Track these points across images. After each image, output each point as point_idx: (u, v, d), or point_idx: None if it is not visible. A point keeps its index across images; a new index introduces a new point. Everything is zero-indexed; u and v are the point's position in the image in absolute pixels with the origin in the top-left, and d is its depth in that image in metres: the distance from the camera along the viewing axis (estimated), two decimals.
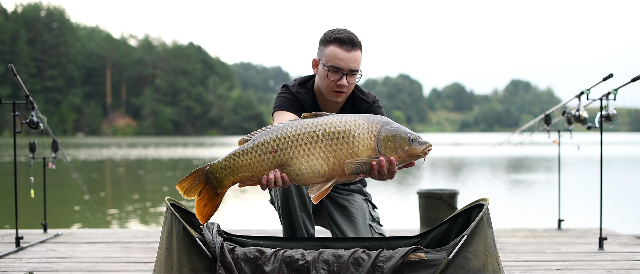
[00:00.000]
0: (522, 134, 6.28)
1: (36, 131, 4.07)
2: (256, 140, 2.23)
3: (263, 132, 2.25)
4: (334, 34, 2.63)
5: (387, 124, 2.23)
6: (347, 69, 2.61)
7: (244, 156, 2.22)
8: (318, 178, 2.20)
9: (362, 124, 2.22)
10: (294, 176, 2.21)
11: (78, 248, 4.01)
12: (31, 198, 4.22)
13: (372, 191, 3.02)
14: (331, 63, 2.61)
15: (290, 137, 2.20)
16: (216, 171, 2.24)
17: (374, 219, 2.91)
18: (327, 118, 2.24)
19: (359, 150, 2.19)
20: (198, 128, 73.86)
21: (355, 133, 2.19)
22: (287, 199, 2.66)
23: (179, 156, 25.43)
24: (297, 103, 2.79)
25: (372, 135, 2.20)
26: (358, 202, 2.91)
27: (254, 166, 2.21)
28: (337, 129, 2.20)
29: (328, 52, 2.62)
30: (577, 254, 3.73)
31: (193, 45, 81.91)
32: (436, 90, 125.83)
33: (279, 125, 2.25)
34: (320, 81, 2.71)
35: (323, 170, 2.19)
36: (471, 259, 1.99)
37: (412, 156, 2.19)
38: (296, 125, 2.23)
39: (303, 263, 2.03)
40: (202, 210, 2.25)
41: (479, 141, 50.93)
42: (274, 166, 2.20)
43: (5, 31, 60.62)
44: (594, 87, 4.00)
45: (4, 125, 48.17)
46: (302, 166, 2.19)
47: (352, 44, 2.61)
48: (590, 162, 17.62)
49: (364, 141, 2.19)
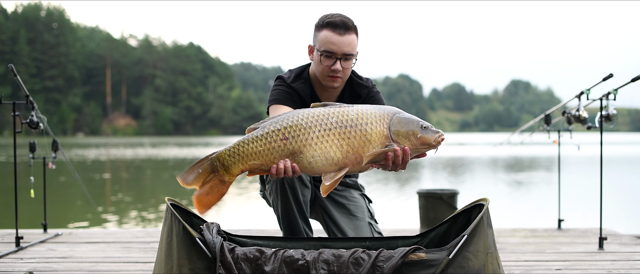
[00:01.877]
0: (522, 134, 6.28)
1: (36, 131, 4.07)
2: (266, 127, 2.20)
3: (273, 119, 2.22)
4: (327, 18, 2.59)
5: (398, 113, 2.24)
6: (340, 53, 2.56)
7: (254, 144, 2.18)
8: (331, 166, 2.19)
9: (374, 113, 2.22)
10: (305, 164, 2.18)
11: (78, 248, 4.01)
12: (31, 198, 4.21)
13: (372, 191, 3.02)
14: (324, 47, 2.57)
15: (302, 124, 2.18)
16: (224, 159, 2.19)
17: (372, 216, 2.90)
18: (339, 108, 2.23)
19: (372, 138, 2.18)
20: (198, 128, 73.86)
21: (368, 120, 2.19)
22: (287, 208, 2.63)
23: (179, 156, 25.42)
24: (295, 95, 2.74)
25: (385, 123, 2.19)
26: (357, 198, 2.89)
27: (264, 154, 2.18)
28: (350, 117, 2.19)
29: (321, 36, 2.58)
30: (577, 254, 3.73)
31: (193, 45, 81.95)
32: (436, 90, 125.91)
33: (289, 113, 2.23)
34: (315, 67, 2.67)
35: (337, 158, 2.17)
36: (471, 259, 1.99)
37: (425, 144, 2.19)
38: (307, 113, 2.21)
39: (303, 263, 2.02)
40: (203, 198, 2.20)
41: (479, 141, 50.92)
42: (284, 154, 2.18)
43: (5, 31, 60.62)
44: (594, 87, 4.00)
45: (4, 125, 48.15)
46: (315, 153, 2.17)
47: (345, 28, 2.56)
48: (590, 162, 17.61)
49: (377, 129, 2.18)
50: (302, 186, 2.62)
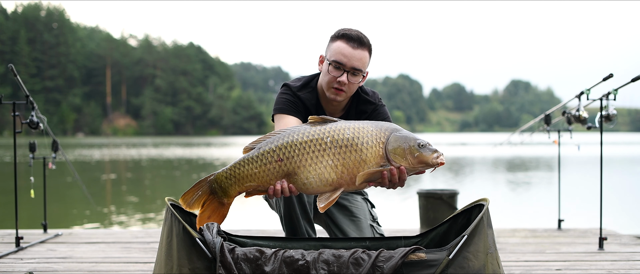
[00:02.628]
0: (522, 134, 6.28)
1: (36, 131, 4.07)
2: (261, 148, 2.18)
3: (268, 139, 2.20)
4: (344, 30, 2.58)
5: (396, 131, 2.19)
6: (349, 66, 2.54)
7: (250, 165, 2.17)
8: (326, 187, 2.16)
9: (371, 131, 2.17)
10: (301, 185, 2.17)
11: (78, 248, 4.01)
12: (31, 198, 4.22)
13: (372, 191, 3.02)
14: (334, 57, 2.55)
15: (296, 145, 2.15)
16: (221, 181, 2.19)
17: (374, 219, 2.90)
18: (335, 125, 2.20)
19: (368, 158, 2.15)
20: (198, 128, 73.87)
21: (363, 140, 2.15)
22: (289, 210, 2.63)
23: (179, 156, 25.42)
24: (300, 105, 2.71)
25: (381, 142, 2.16)
26: (358, 202, 2.90)
27: (260, 176, 2.17)
28: (345, 136, 2.15)
29: (334, 47, 2.57)
30: (577, 254, 3.73)
31: (193, 45, 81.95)
32: (436, 90, 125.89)
33: (285, 132, 2.20)
34: (322, 77, 2.65)
35: (331, 178, 2.15)
36: (471, 259, 1.99)
37: (423, 163, 2.15)
38: (302, 132, 2.18)
39: (303, 263, 2.02)
40: (205, 222, 2.20)
41: (479, 141, 50.92)
42: (280, 175, 2.16)
43: (5, 31, 60.63)
44: (594, 87, 4.00)
45: (4, 125, 48.16)
46: (309, 175, 2.15)
47: (359, 42, 2.55)
48: (590, 162, 17.61)
49: (373, 149, 2.15)
50: None
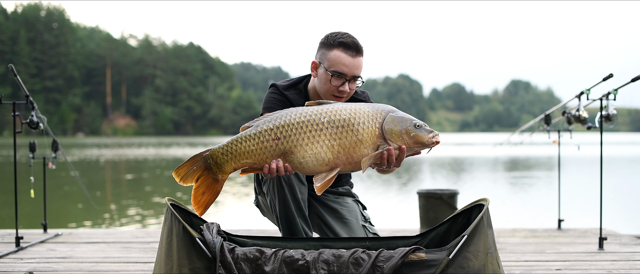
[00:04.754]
0: (522, 134, 6.29)
1: (36, 131, 4.07)
2: (259, 126, 2.20)
3: (266, 118, 2.23)
4: (339, 37, 2.57)
5: (392, 112, 2.22)
6: (350, 75, 2.56)
7: (246, 142, 2.19)
8: (322, 166, 2.18)
9: (367, 112, 2.20)
10: (297, 164, 2.18)
11: (78, 248, 4.01)
12: (31, 198, 4.22)
13: (372, 191, 3.03)
14: (335, 68, 2.55)
15: (294, 124, 2.17)
16: (217, 157, 2.20)
17: (366, 220, 2.91)
18: (332, 106, 2.22)
19: (364, 138, 2.17)
20: (198, 128, 73.83)
21: (360, 120, 2.17)
22: (285, 208, 2.63)
23: (179, 156, 25.42)
24: (288, 103, 2.72)
25: (377, 122, 2.18)
26: (349, 204, 2.90)
27: (257, 153, 2.18)
28: (342, 117, 2.18)
29: (332, 56, 2.56)
30: (577, 254, 3.73)
31: (193, 45, 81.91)
32: (436, 90, 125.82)
33: (283, 112, 2.22)
34: (320, 85, 2.64)
35: (327, 158, 2.17)
36: (471, 259, 1.99)
37: (419, 143, 2.18)
38: (300, 112, 2.20)
39: (303, 263, 2.02)
40: (200, 198, 2.22)
41: (479, 141, 50.91)
42: (276, 154, 2.18)
43: (5, 31, 60.58)
44: (594, 87, 4.01)
45: (4, 125, 48.14)
46: (306, 154, 2.17)
47: (357, 50, 2.56)
48: (590, 162, 17.61)
49: (369, 129, 2.17)
50: (299, 183, 2.63)
